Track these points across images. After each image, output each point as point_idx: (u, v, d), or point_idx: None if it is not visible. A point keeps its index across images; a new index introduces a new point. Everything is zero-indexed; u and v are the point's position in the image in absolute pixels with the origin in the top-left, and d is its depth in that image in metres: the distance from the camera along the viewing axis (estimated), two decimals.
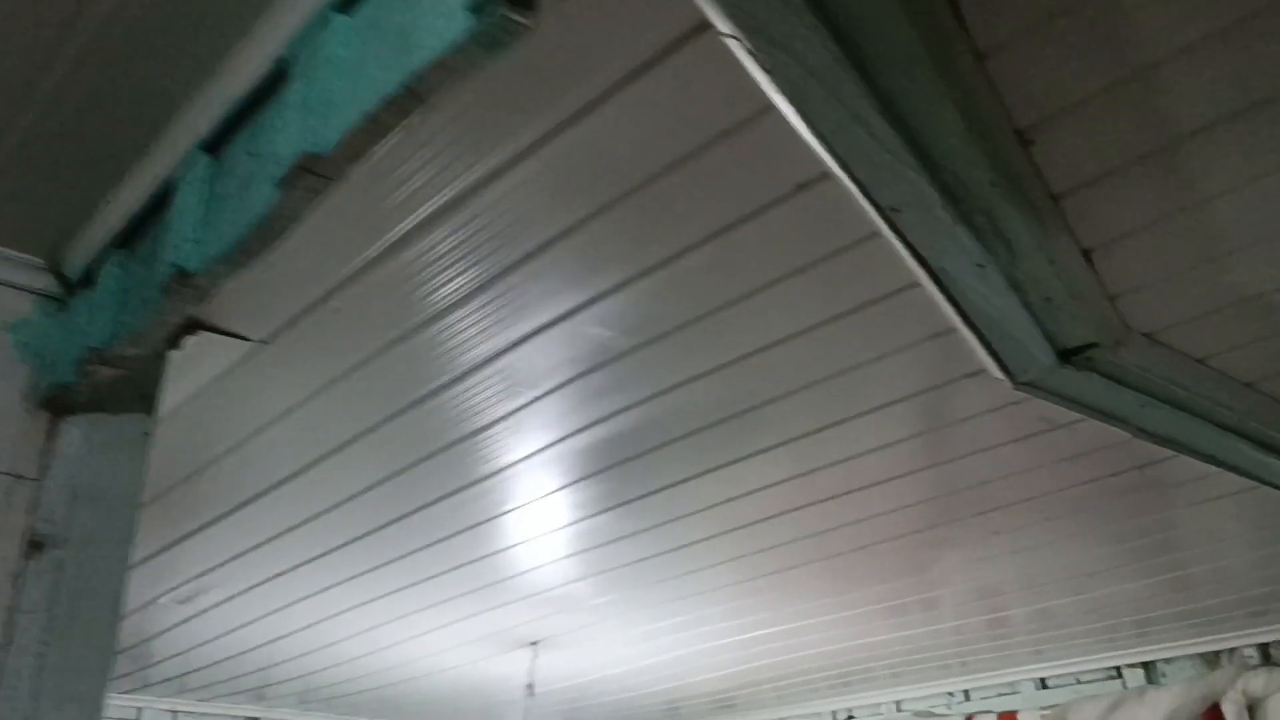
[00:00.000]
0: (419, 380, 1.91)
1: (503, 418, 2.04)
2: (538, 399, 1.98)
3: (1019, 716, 3.87)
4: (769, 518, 2.58)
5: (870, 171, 1.29)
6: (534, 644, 3.56)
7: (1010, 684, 4.07)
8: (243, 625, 3.35)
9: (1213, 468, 2.15)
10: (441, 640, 3.57)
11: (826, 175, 1.36)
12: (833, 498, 2.45)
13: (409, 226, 1.48)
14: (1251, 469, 2.12)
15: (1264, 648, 3.46)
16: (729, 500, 2.48)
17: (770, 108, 1.25)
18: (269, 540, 2.62)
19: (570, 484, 2.38)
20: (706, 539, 2.74)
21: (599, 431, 2.12)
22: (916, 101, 1.19)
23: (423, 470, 2.28)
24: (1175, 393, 1.86)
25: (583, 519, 2.59)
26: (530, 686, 3.63)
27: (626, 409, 2.03)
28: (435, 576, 2.96)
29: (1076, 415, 1.98)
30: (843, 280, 1.62)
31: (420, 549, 2.76)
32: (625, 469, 2.29)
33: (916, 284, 1.57)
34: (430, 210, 1.45)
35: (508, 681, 3.92)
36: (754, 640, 3.75)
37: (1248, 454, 2.04)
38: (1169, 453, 2.17)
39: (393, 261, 1.55)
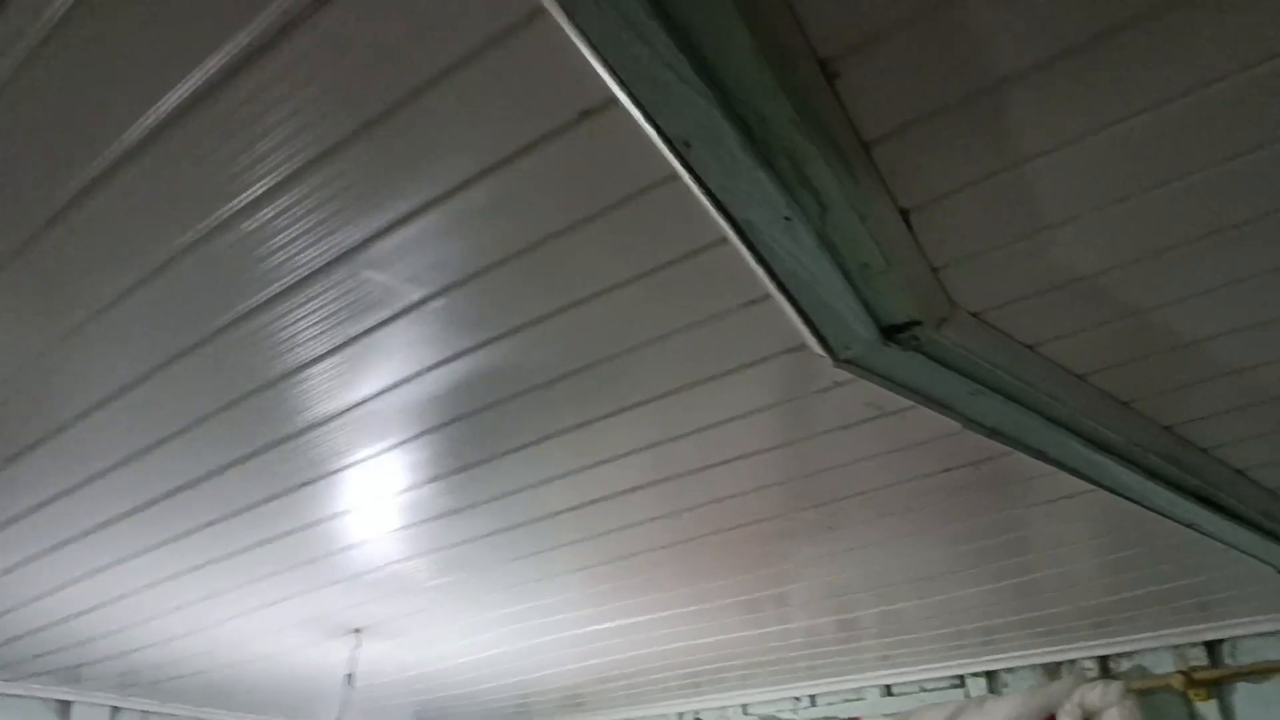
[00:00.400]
0: (205, 312, 1.70)
1: (314, 361, 1.84)
2: (350, 342, 1.78)
3: None
4: (621, 493, 2.41)
5: (653, 94, 1.14)
6: (357, 631, 3.35)
7: (856, 690, 4.00)
8: (37, 598, 3.08)
9: (1047, 466, 2.06)
10: (260, 623, 3.34)
11: (613, 101, 1.22)
12: (686, 474, 2.29)
13: (141, 133, 1.29)
14: (1084, 469, 2.04)
15: (1103, 660, 3.44)
16: (577, 471, 2.29)
17: (540, 9, 1.11)
18: (45, 504, 2.37)
19: (398, 444, 2.17)
20: (554, 515, 2.55)
21: (421, 386, 1.93)
22: (694, 6, 1.04)
23: (222, 422, 2.06)
24: (1005, 381, 1.76)
25: (414, 487, 2.38)
26: (350, 677, 3.42)
27: (448, 360, 1.84)
28: (245, 550, 2.74)
29: (905, 402, 1.87)
30: (644, 230, 1.48)
31: (225, 517, 2.54)
32: (460, 428, 2.09)
33: (723, 239, 1.44)
34: (170, 107, 1.26)
35: (334, 671, 3.69)
36: (606, 633, 3.60)
37: (1080, 452, 1.96)
38: (1003, 448, 2.08)
39: (123, 178, 1.36)
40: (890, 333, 1.63)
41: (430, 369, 1.87)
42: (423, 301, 1.66)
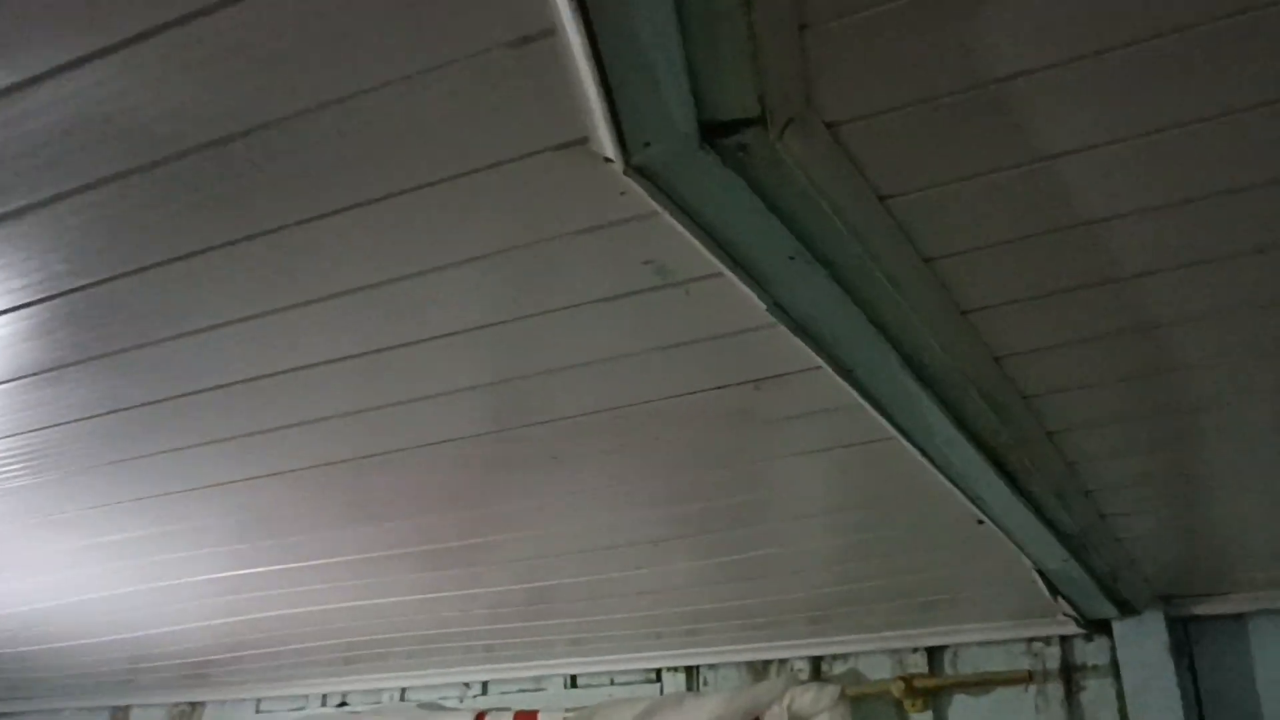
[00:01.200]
0: None
1: None
2: None
3: (539, 717, 3.29)
4: (300, 368, 1.71)
5: None
6: None
7: (536, 679, 3.49)
8: None
9: (842, 396, 1.63)
10: None
11: None
12: (399, 346, 1.63)
13: None
14: (891, 402, 1.63)
15: (816, 661, 3.12)
16: (248, 319, 1.57)
17: None
18: None
19: None
20: (199, 393, 1.80)
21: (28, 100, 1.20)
22: None
23: None
24: (839, 244, 1.30)
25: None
26: None
27: (82, 62, 1.14)
28: None
29: (698, 265, 1.37)
30: None
31: None
32: (81, 206, 1.32)
33: None
34: None
35: None
36: (240, 583, 2.87)
37: (895, 375, 1.54)
38: (795, 365, 1.65)
39: None
40: (713, 132, 1.13)
41: (47, 76, 1.15)
42: None
